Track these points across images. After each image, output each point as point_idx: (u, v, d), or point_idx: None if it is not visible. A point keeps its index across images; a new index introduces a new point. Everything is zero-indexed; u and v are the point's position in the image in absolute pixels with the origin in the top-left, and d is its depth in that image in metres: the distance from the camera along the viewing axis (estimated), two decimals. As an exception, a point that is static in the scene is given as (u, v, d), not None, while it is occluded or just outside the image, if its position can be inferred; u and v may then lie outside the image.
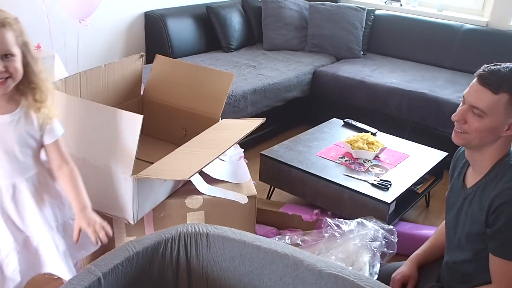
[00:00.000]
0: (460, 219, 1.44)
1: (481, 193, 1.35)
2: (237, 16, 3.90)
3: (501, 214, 1.25)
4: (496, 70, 1.29)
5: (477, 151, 1.37)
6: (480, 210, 1.33)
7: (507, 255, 1.27)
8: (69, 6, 2.60)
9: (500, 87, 1.25)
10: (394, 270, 1.75)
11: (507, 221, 1.25)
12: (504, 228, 1.26)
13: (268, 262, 1.35)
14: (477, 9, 3.92)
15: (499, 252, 1.28)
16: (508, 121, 1.28)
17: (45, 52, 2.12)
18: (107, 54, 3.45)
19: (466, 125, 1.33)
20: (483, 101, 1.27)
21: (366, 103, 3.40)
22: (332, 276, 1.26)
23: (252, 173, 2.10)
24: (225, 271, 1.42)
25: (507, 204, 1.25)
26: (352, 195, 2.21)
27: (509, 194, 1.25)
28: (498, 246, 1.29)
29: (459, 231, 1.44)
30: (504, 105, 1.26)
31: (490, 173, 1.33)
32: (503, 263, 1.28)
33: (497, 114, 1.27)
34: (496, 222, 1.27)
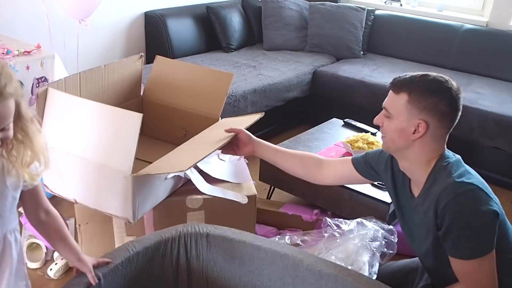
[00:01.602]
0: (415, 231, 1.46)
1: (423, 202, 1.37)
2: (237, 16, 3.90)
3: (446, 215, 1.28)
4: (402, 76, 1.38)
5: (401, 159, 1.41)
6: (427, 218, 1.35)
7: (462, 254, 1.28)
8: (69, 6, 2.60)
9: (401, 88, 1.34)
10: (393, 269, 1.75)
11: (451, 221, 1.27)
12: (451, 229, 1.28)
13: (268, 262, 1.35)
14: (477, 9, 3.92)
15: (453, 253, 1.30)
16: (413, 123, 1.32)
17: (45, 52, 2.12)
18: (107, 54, 3.45)
19: (382, 128, 1.42)
20: (389, 102, 1.39)
21: (366, 103, 3.40)
22: (332, 276, 1.26)
23: (252, 173, 2.10)
24: (225, 271, 1.42)
25: (448, 205, 1.27)
26: (352, 195, 2.21)
27: (447, 194, 1.28)
28: (451, 247, 1.30)
29: (417, 241, 1.47)
30: (404, 105, 1.32)
31: (428, 179, 1.36)
32: (461, 263, 1.29)
33: (400, 114, 1.34)
34: (443, 224, 1.29)
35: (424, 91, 1.31)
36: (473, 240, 1.27)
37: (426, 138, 1.33)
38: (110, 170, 1.50)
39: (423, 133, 1.32)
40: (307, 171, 1.73)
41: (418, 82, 1.33)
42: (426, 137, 1.33)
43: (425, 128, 1.31)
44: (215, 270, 1.43)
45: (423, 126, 1.31)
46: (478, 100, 3.07)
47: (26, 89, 2.04)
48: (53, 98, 1.56)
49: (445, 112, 1.31)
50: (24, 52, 2.04)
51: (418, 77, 1.34)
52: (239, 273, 1.40)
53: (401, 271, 1.73)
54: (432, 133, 1.33)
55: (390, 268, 1.76)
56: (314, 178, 1.74)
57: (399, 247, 1.88)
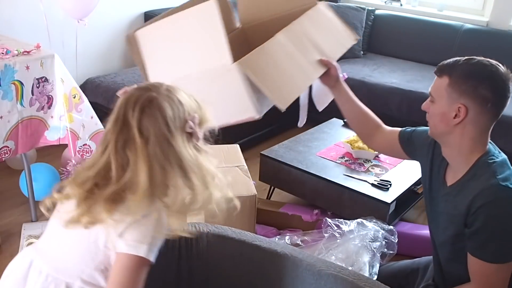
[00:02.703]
0: (438, 218, 1.43)
1: (457, 193, 1.34)
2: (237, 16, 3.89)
3: (479, 215, 1.25)
4: (446, 60, 1.35)
5: (444, 145, 1.38)
6: (456, 211, 1.32)
7: (485, 256, 1.27)
8: (67, 6, 2.60)
9: (443, 71, 1.31)
10: (394, 270, 1.75)
11: (485, 223, 1.24)
12: (482, 230, 1.25)
13: (268, 262, 1.35)
14: (477, 9, 3.92)
15: (477, 253, 1.28)
16: (453, 107, 1.28)
17: (44, 52, 2.11)
18: (106, 54, 3.44)
19: (428, 114, 1.39)
20: (433, 86, 1.35)
21: (366, 103, 3.37)
22: (331, 276, 1.25)
23: (252, 173, 2.10)
24: (225, 271, 1.42)
25: (486, 206, 1.24)
26: (352, 195, 2.21)
27: (487, 194, 1.24)
28: (476, 247, 1.28)
29: (438, 229, 1.44)
30: (445, 88, 1.29)
31: (468, 173, 1.32)
32: (481, 264, 1.28)
33: (442, 98, 1.30)
34: (475, 224, 1.26)
35: (464, 74, 1.27)
36: (501, 246, 1.25)
37: (467, 124, 1.28)
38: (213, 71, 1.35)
39: (463, 117, 1.27)
40: (364, 131, 1.72)
41: (460, 65, 1.29)
42: (467, 124, 1.28)
43: (465, 113, 1.27)
44: (216, 270, 1.43)
45: (463, 110, 1.26)
46: (478, 100, 3.07)
47: (26, 89, 2.04)
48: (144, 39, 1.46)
49: (486, 97, 1.25)
50: (23, 52, 2.04)
51: (462, 60, 1.30)
52: (239, 273, 1.39)
53: (402, 272, 1.72)
54: (473, 119, 1.27)
55: (390, 269, 1.76)
56: (366, 140, 1.73)
57: (399, 248, 1.88)
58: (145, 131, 1.00)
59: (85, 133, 2.25)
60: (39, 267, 1.10)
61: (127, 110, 1.02)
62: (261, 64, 1.36)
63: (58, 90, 2.17)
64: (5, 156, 2.08)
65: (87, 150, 2.28)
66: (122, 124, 1.02)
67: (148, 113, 1.01)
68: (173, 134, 1.02)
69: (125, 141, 1.01)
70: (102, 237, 1.03)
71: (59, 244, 1.10)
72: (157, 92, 1.04)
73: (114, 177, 1.02)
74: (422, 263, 1.70)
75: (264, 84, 1.32)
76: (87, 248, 1.05)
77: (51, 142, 2.27)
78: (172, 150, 1.02)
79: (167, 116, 1.01)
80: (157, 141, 1.00)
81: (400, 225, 2.36)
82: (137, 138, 1.00)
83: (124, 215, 1.01)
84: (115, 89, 2.94)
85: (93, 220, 1.01)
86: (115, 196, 1.01)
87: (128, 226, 1.01)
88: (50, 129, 2.22)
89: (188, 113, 1.05)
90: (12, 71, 1.97)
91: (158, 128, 1.01)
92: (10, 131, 2.05)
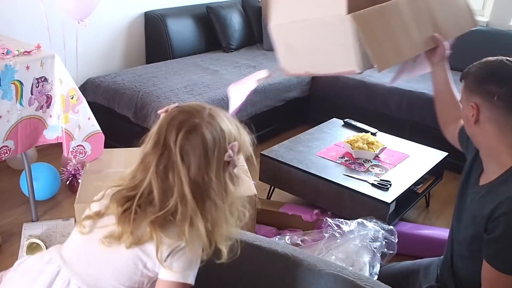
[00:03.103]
0: (463, 214, 1.42)
1: (485, 194, 1.33)
2: (237, 16, 3.90)
3: (500, 224, 1.23)
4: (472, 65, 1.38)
5: (478, 148, 1.38)
6: (480, 212, 1.31)
7: (499, 265, 1.26)
8: (68, 6, 2.60)
9: (462, 76, 1.37)
10: (394, 271, 1.74)
11: (504, 232, 1.23)
12: (500, 239, 1.24)
13: (268, 262, 1.35)
14: (477, 9, 3.92)
15: (491, 260, 1.27)
16: (468, 108, 1.30)
17: (45, 52, 2.11)
18: (107, 54, 3.44)
19: None
20: None
21: (366, 103, 3.40)
22: (332, 276, 1.25)
23: (252, 173, 2.10)
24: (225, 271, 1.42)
25: (508, 215, 1.22)
26: (352, 195, 2.21)
27: (509, 203, 1.23)
28: (491, 255, 1.27)
29: (460, 225, 1.43)
30: (463, 91, 1.34)
31: (500, 177, 1.31)
32: (493, 272, 1.27)
33: (462, 101, 1.35)
34: (494, 231, 1.25)
35: (473, 74, 1.31)
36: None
37: (485, 123, 1.28)
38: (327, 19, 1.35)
39: (476, 115, 1.28)
40: (445, 116, 1.66)
41: (474, 67, 1.33)
42: (484, 122, 1.28)
43: (477, 110, 1.27)
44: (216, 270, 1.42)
45: (475, 108, 1.28)
46: (478, 100, 3.07)
47: (26, 89, 2.04)
48: None
49: (491, 90, 1.25)
50: (24, 52, 2.04)
51: (478, 62, 1.34)
52: (239, 273, 1.39)
53: (403, 272, 1.72)
54: (486, 116, 1.27)
55: (391, 270, 1.75)
56: (442, 124, 1.68)
57: (400, 248, 1.88)
58: (186, 158, 1.01)
59: (81, 134, 2.24)
60: (67, 278, 1.09)
61: (168, 133, 1.02)
62: (373, 23, 1.35)
63: (57, 90, 2.17)
64: (5, 156, 2.08)
65: (80, 151, 2.27)
66: (163, 147, 1.02)
67: (190, 140, 1.01)
68: (211, 164, 1.03)
69: (166, 165, 1.02)
70: (143, 258, 1.04)
71: (90, 260, 1.09)
72: (200, 119, 1.03)
73: (157, 201, 1.02)
74: (423, 264, 1.69)
75: (369, 42, 1.31)
76: (126, 267, 1.05)
77: (50, 141, 2.27)
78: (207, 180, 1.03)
79: (208, 146, 1.02)
80: (197, 169, 1.01)
81: (400, 225, 2.36)
82: (179, 164, 1.00)
83: (169, 238, 1.02)
84: (115, 89, 2.94)
85: (136, 241, 1.02)
86: (160, 220, 1.02)
87: (173, 252, 1.02)
88: (49, 128, 2.22)
89: (228, 142, 1.06)
90: (12, 71, 1.97)
91: (197, 156, 1.01)
92: (10, 131, 2.06)
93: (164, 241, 1.02)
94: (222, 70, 3.35)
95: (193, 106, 1.08)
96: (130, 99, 2.85)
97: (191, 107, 1.07)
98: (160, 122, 1.05)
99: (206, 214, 1.04)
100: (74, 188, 2.55)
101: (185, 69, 3.30)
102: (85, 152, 2.27)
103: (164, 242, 1.02)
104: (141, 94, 2.85)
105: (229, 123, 1.09)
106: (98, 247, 1.05)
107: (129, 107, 2.85)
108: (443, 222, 2.61)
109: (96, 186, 1.16)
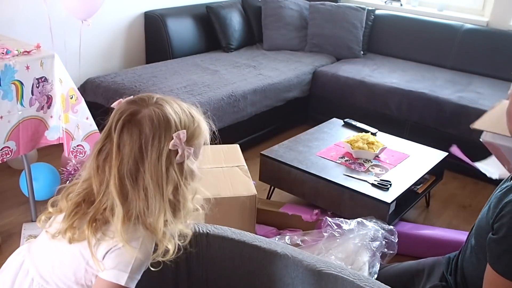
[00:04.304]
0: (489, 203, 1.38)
1: (505, 190, 1.30)
2: (237, 16, 3.90)
3: (504, 225, 1.22)
4: None
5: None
6: (495, 207, 1.29)
7: (498, 268, 1.24)
8: (72, 6, 2.59)
9: None
10: (398, 271, 1.73)
11: (507, 234, 1.22)
12: (502, 241, 1.23)
13: (268, 262, 1.35)
14: (477, 9, 3.92)
15: (492, 262, 1.26)
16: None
17: (44, 52, 2.11)
18: (107, 54, 3.44)
19: None
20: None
21: (366, 103, 3.40)
22: (331, 276, 1.25)
23: (252, 173, 2.10)
24: (225, 271, 1.42)
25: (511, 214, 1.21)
26: (352, 195, 2.21)
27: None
28: (492, 256, 1.26)
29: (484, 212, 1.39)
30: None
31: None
32: (494, 274, 1.26)
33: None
34: (498, 232, 1.24)
35: None
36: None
37: None
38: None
39: None
40: None
41: None
42: None
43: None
44: (215, 270, 1.42)
45: None
46: (478, 100, 3.07)
47: (26, 89, 2.04)
48: None
49: None
50: (23, 52, 2.04)
51: None
52: (239, 273, 1.39)
53: (407, 272, 1.70)
54: None
55: (395, 270, 1.74)
56: None
57: (400, 248, 1.88)
58: (122, 148, 0.97)
59: (80, 134, 2.25)
60: (27, 268, 1.10)
61: (112, 123, 0.99)
62: None
63: (57, 90, 2.17)
64: (6, 157, 2.08)
65: (80, 151, 2.27)
66: (106, 137, 1.00)
67: (127, 129, 0.98)
68: (147, 154, 0.98)
69: (106, 157, 0.99)
70: (85, 255, 1.02)
71: (46, 252, 1.09)
72: (142, 106, 1.01)
73: (96, 195, 1.00)
74: (427, 264, 1.68)
75: None
76: (70, 261, 1.04)
77: (51, 142, 2.27)
78: (140, 173, 0.98)
79: (145, 133, 0.97)
80: (129, 160, 0.97)
81: (400, 225, 2.36)
82: (114, 154, 0.97)
83: (108, 237, 0.99)
84: (115, 89, 2.94)
85: (76, 237, 1.00)
86: (98, 216, 0.99)
87: (111, 251, 0.99)
88: (50, 129, 2.22)
89: (175, 130, 1.00)
90: (12, 71, 1.97)
91: (131, 146, 0.97)
92: (11, 132, 2.05)
93: (103, 238, 0.99)
94: (222, 70, 3.35)
95: (142, 96, 1.05)
96: (130, 99, 2.85)
97: (139, 97, 1.05)
98: (112, 113, 1.03)
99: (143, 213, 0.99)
100: (74, 188, 2.55)
101: (185, 69, 3.30)
102: (85, 152, 2.27)
103: (103, 239, 0.99)
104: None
105: (180, 111, 1.03)
106: (52, 241, 1.05)
107: (129, 107, 2.85)
108: (443, 222, 2.61)
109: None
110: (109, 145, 0.99)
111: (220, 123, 2.87)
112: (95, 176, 1.00)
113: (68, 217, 1.02)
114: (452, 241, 2.25)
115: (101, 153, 0.99)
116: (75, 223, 1.01)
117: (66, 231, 1.01)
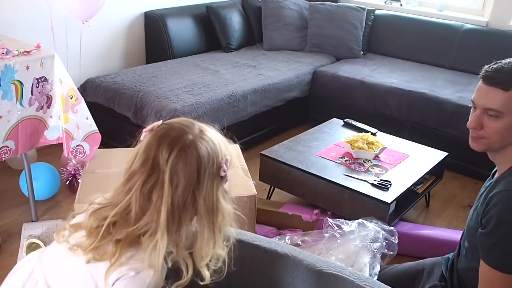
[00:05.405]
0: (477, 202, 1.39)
1: (490, 187, 1.32)
2: (237, 16, 3.90)
3: (491, 217, 1.23)
4: (499, 67, 1.27)
5: (499, 152, 1.33)
6: (481, 205, 1.30)
7: (490, 261, 1.25)
8: (73, 7, 2.59)
9: (510, 83, 1.23)
10: (398, 272, 1.73)
11: (496, 227, 1.22)
12: (491, 235, 1.24)
13: (268, 262, 1.35)
14: (477, 9, 3.92)
15: (484, 256, 1.27)
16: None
17: (45, 52, 2.11)
18: (107, 54, 3.44)
19: (483, 131, 1.30)
20: (497, 101, 1.25)
21: (366, 103, 3.40)
22: (332, 276, 1.25)
23: (252, 173, 2.10)
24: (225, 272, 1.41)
25: (497, 207, 1.22)
26: (352, 195, 2.21)
27: (500, 196, 1.22)
28: (483, 250, 1.27)
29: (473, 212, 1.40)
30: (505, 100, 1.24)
31: (505, 172, 1.29)
32: (487, 268, 1.26)
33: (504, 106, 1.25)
34: (487, 226, 1.25)
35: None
36: (506, 254, 1.22)
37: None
38: None
39: None
40: None
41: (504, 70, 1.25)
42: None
43: None
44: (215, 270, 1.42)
45: None
46: (478, 100, 3.07)
47: (26, 89, 2.04)
48: None
49: None
50: (23, 52, 2.04)
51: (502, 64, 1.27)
52: (239, 273, 1.39)
53: (407, 274, 1.71)
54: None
55: (395, 271, 1.74)
56: None
57: (400, 248, 1.88)
58: (175, 178, 0.96)
59: (80, 134, 2.24)
60: (36, 278, 1.09)
61: (159, 152, 0.97)
62: None
63: (57, 90, 2.17)
64: (5, 156, 2.08)
65: (80, 151, 2.27)
66: (152, 167, 0.97)
67: (184, 159, 0.96)
68: (202, 183, 0.98)
69: (152, 185, 0.97)
70: (95, 277, 1.01)
71: (58, 266, 1.08)
72: (193, 135, 0.98)
73: (133, 220, 0.98)
74: (427, 264, 1.69)
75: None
76: (80, 281, 1.03)
77: (51, 142, 2.27)
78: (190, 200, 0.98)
79: (203, 163, 0.97)
80: (184, 189, 0.96)
81: (400, 225, 2.36)
82: (166, 184, 0.95)
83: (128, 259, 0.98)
84: (115, 89, 2.94)
85: (97, 258, 0.99)
86: (130, 238, 0.98)
87: (122, 278, 0.97)
88: (50, 128, 2.22)
89: (222, 156, 1.01)
90: (12, 71, 1.97)
91: (188, 175, 0.96)
92: (10, 131, 2.05)
93: (121, 263, 0.97)
94: (222, 70, 3.35)
95: (182, 122, 1.03)
96: (130, 99, 2.85)
97: (180, 123, 1.02)
98: (148, 141, 1.00)
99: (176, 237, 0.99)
100: (74, 188, 2.55)
101: (185, 69, 3.30)
102: (84, 152, 2.27)
103: (120, 264, 0.97)
104: (141, 94, 2.85)
105: (218, 137, 1.05)
106: (66, 253, 1.03)
107: (129, 107, 2.85)
108: (443, 222, 2.61)
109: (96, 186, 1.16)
110: (157, 174, 0.97)
111: (220, 123, 2.87)
112: (136, 203, 0.98)
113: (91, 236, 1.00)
114: (452, 241, 2.25)
115: (147, 182, 0.97)
116: (100, 245, 0.99)
117: (89, 251, 0.99)
